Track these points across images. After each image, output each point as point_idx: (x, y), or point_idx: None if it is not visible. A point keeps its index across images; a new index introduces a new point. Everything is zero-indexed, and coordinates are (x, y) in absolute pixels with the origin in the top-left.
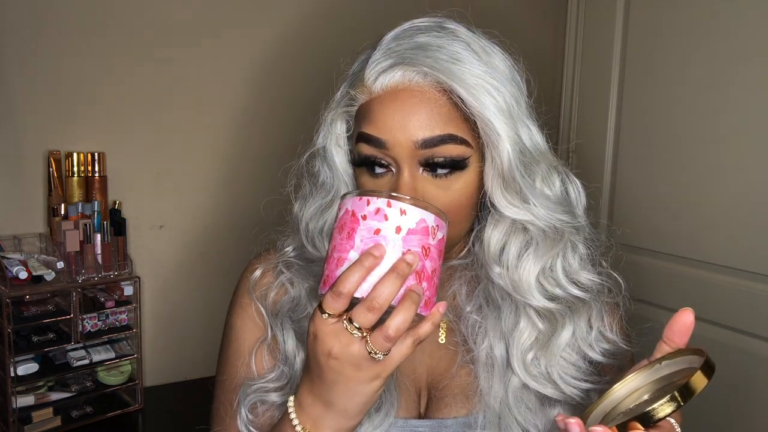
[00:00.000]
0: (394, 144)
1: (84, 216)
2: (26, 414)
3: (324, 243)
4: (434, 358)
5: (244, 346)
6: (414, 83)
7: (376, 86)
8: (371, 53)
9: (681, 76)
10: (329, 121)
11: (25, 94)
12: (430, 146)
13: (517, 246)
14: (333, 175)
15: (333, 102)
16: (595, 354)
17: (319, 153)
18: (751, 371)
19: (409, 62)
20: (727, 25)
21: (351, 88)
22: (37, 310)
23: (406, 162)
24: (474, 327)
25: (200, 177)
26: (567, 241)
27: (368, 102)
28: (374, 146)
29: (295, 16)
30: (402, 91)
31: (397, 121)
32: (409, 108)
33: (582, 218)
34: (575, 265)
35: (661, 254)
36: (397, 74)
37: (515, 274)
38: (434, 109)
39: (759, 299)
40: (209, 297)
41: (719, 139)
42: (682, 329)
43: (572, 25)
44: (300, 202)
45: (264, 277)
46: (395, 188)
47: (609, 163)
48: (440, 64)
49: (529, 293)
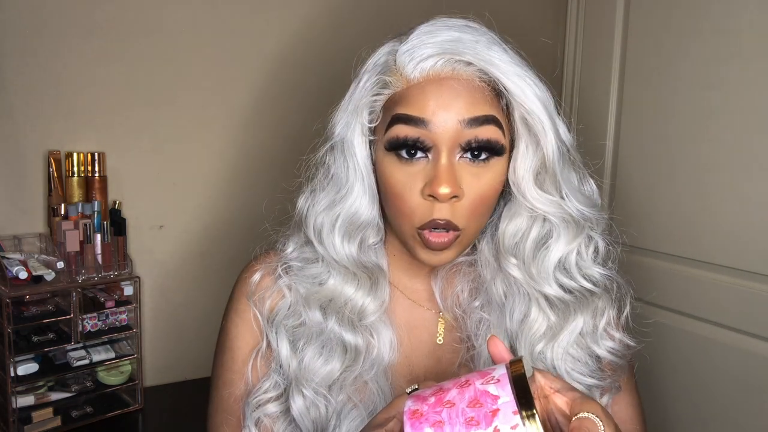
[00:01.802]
0: (438, 123)
1: (84, 216)
2: (26, 414)
3: (333, 238)
4: (432, 359)
5: (239, 354)
6: (456, 72)
7: (415, 73)
8: (400, 44)
9: (681, 76)
10: (351, 111)
11: (25, 94)
12: (474, 125)
13: (535, 237)
14: (350, 167)
15: (357, 91)
16: (600, 350)
17: (337, 145)
18: (751, 371)
19: (452, 51)
20: (728, 25)
21: (384, 75)
22: (37, 310)
23: (447, 144)
24: (478, 324)
25: (200, 177)
26: (585, 235)
27: (406, 89)
28: (414, 126)
29: (296, 16)
30: (445, 78)
31: (442, 102)
32: (455, 91)
33: (603, 213)
34: (588, 259)
35: (661, 254)
36: (439, 62)
37: (533, 264)
38: (477, 94)
39: (759, 299)
40: (209, 297)
41: (719, 139)
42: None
43: (572, 25)
44: (306, 196)
45: (263, 281)
46: (433, 174)
47: (609, 163)
48: (482, 55)
49: (546, 282)
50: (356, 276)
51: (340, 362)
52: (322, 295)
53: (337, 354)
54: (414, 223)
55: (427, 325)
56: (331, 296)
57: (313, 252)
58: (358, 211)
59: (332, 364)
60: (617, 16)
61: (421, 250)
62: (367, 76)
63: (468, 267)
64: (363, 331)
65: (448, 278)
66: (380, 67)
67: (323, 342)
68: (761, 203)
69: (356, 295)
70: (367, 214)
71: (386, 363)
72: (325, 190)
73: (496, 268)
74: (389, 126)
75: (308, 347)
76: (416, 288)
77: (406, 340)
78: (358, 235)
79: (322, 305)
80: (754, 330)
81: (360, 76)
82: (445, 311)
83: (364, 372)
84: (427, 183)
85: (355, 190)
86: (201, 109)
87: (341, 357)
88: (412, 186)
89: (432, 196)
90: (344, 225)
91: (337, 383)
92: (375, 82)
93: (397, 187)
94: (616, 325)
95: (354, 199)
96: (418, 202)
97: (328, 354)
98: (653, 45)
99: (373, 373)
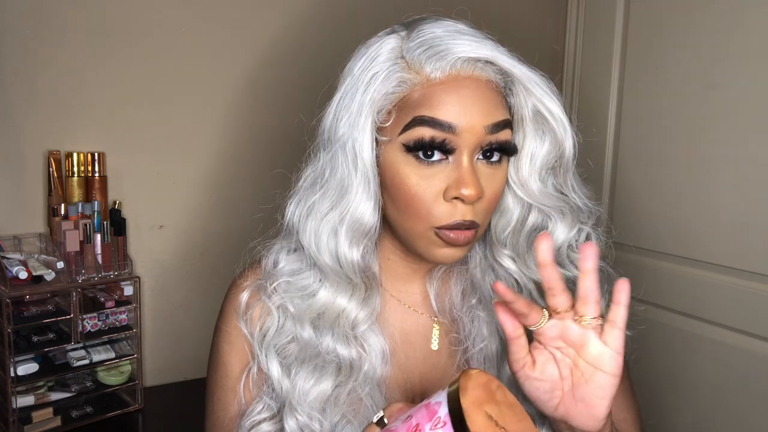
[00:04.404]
0: (464, 129)
1: (84, 216)
2: (26, 414)
3: (337, 244)
4: (427, 365)
5: (232, 372)
6: (476, 72)
7: (436, 73)
8: (408, 40)
9: (681, 76)
10: (357, 109)
11: (25, 94)
12: (495, 131)
13: (530, 229)
14: (355, 169)
15: (364, 88)
16: None
17: (341, 146)
18: (751, 371)
19: (473, 52)
20: (728, 24)
21: (401, 73)
22: (37, 310)
23: (469, 147)
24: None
25: (200, 177)
26: (578, 226)
27: (426, 88)
28: (441, 130)
29: (296, 16)
30: (466, 78)
31: (469, 107)
32: (478, 94)
33: (599, 206)
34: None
35: (661, 254)
36: (461, 61)
37: (528, 255)
38: (495, 97)
39: (759, 299)
40: (209, 297)
41: (719, 139)
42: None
43: (572, 25)
44: (298, 202)
45: (251, 299)
46: (457, 177)
47: (609, 163)
48: (499, 57)
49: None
50: (351, 283)
51: (333, 379)
52: (314, 309)
53: (330, 371)
54: (431, 224)
55: (421, 330)
56: (323, 309)
57: (302, 260)
58: (363, 215)
59: (324, 383)
60: (617, 16)
61: (437, 249)
62: (372, 68)
63: (461, 267)
64: (355, 342)
65: (444, 281)
66: (391, 59)
67: (315, 360)
68: (761, 203)
69: (350, 305)
70: (371, 219)
71: (379, 375)
72: (324, 194)
73: (486, 264)
74: (410, 127)
75: (300, 368)
76: (411, 292)
77: (400, 348)
78: (363, 239)
79: (313, 321)
80: (754, 330)
81: (361, 73)
82: (440, 315)
83: (358, 386)
84: (452, 185)
85: (360, 192)
86: (201, 108)
87: (334, 374)
88: (432, 187)
89: (457, 198)
90: (350, 230)
91: (331, 401)
92: (388, 77)
93: (413, 189)
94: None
95: (359, 202)
96: (438, 203)
97: (320, 373)
98: (653, 44)
99: (368, 388)
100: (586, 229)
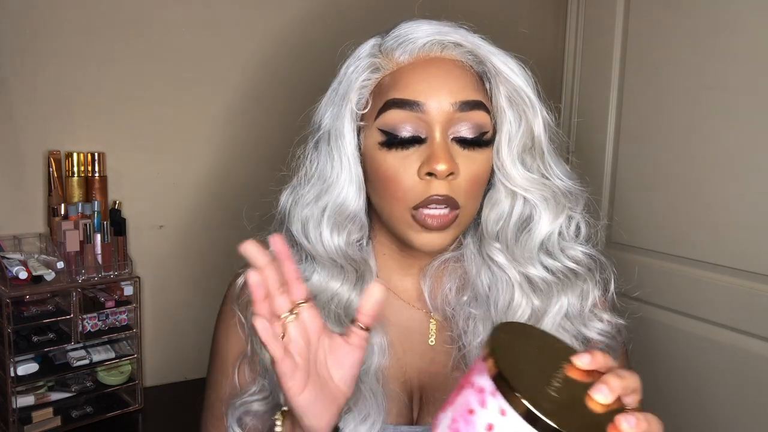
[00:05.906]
0: (431, 106)
1: (84, 216)
2: (26, 414)
3: (321, 230)
4: (425, 361)
5: (227, 360)
6: (445, 53)
7: (404, 56)
8: (385, 35)
9: (681, 76)
10: (338, 100)
11: (25, 94)
12: (465, 109)
13: (516, 220)
14: (337, 157)
15: (344, 79)
16: (590, 333)
17: (324, 136)
18: (751, 371)
19: (439, 33)
20: (728, 24)
21: (373, 58)
22: (37, 310)
23: (440, 126)
24: (467, 320)
25: (200, 177)
26: (566, 214)
27: (396, 71)
28: (408, 110)
29: (296, 16)
30: (434, 59)
31: (434, 84)
32: (445, 72)
33: (584, 189)
34: (570, 238)
35: (661, 254)
36: (428, 43)
37: (516, 246)
38: (467, 77)
39: (759, 299)
40: (209, 297)
41: (719, 139)
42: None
43: (572, 25)
44: (289, 192)
45: (246, 285)
46: (429, 153)
47: (609, 163)
48: (468, 38)
49: (530, 263)
50: (343, 270)
51: None
52: None
53: None
54: (408, 204)
55: (418, 325)
56: (316, 292)
57: (296, 252)
58: (345, 201)
59: None
60: (617, 15)
61: (415, 235)
62: (353, 64)
63: (455, 263)
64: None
65: (437, 277)
66: (368, 53)
67: None
68: (761, 203)
69: (342, 289)
70: (355, 204)
71: (376, 365)
72: (311, 183)
73: (480, 260)
74: (383, 110)
75: None
76: (407, 287)
77: (398, 342)
78: (347, 226)
79: None
80: (754, 330)
81: (345, 70)
82: (434, 311)
83: None
84: (424, 162)
85: (342, 179)
86: (201, 108)
87: None
88: (407, 168)
89: (430, 174)
90: (332, 216)
91: None
92: (364, 67)
93: (390, 171)
94: (602, 305)
95: (341, 188)
96: (413, 183)
97: None
98: (653, 44)
99: (366, 378)
100: (576, 217)
